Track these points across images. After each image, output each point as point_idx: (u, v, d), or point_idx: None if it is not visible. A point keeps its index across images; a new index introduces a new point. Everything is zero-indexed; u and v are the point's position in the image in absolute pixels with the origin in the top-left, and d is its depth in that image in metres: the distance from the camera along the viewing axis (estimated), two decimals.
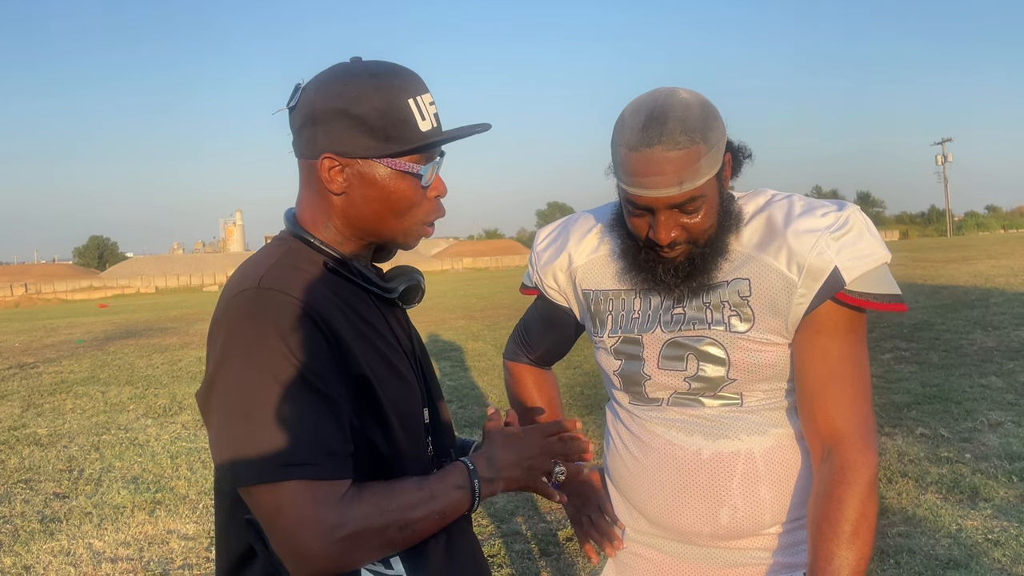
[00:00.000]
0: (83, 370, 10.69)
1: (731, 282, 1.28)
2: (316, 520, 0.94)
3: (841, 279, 1.21)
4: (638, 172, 1.18)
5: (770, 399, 1.32)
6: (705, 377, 1.31)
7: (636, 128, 1.19)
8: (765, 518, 1.32)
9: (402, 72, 1.09)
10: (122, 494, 4.92)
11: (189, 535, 4.20)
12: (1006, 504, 3.84)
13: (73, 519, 4.51)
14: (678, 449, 1.34)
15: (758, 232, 1.29)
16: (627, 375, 1.39)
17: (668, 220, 1.22)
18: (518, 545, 3.79)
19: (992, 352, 7.57)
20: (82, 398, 8.46)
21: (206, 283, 57.50)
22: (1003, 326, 9.09)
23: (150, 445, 6.16)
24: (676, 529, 1.37)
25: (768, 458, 1.31)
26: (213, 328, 1.03)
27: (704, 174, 1.19)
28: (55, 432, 6.83)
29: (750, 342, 1.28)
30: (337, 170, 1.07)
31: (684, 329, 1.32)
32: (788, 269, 1.24)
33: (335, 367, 1.00)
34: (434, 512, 1.03)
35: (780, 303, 1.25)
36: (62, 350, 13.51)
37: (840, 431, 1.23)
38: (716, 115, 1.22)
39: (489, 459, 1.11)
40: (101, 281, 61.58)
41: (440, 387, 1.28)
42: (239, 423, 0.97)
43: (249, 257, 1.12)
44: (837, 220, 1.23)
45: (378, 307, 1.14)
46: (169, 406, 7.76)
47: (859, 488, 1.20)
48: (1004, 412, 5.42)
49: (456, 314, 16.51)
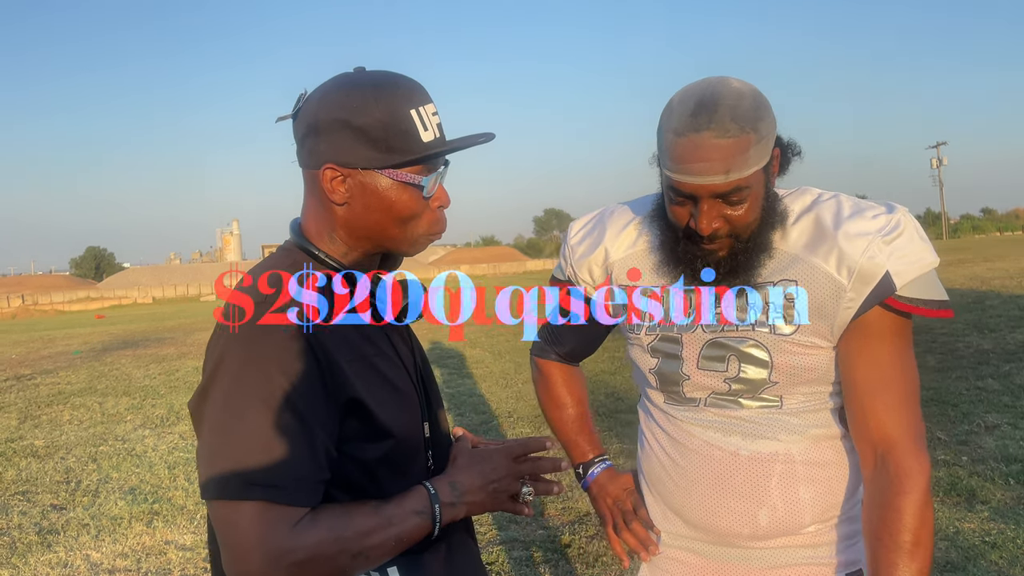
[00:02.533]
0: (80, 381, 10.67)
1: (778, 283, 1.25)
2: (267, 543, 0.94)
3: (892, 284, 1.18)
4: (684, 158, 1.15)
5: (810, 402, 1.30)
6: (746, 379, 1.28)
7: (685, 114, 1.15)
8: (805, 518, 1.31)
9: (404, 83, 1.09)
10: (119, 505, 4.90)
11: (187, 546, 4.19)
12: (1003, 506, 3.85)
13: (71, 531, 4.49)
14: (716, 449, 1.32)
15: (806, 233, 1.25)
16: (664, 374, 1.36)
17: (711, 210, 1.18)
18: (517, 552, 3.78)
19: (988, 355, 7.58)
20: (79, 409, 8.44)
21: (203, 293, 57.40)
22: (999, 328, 9.10)
23: (147, 456, 6.15)
24: (714, 531, 1.34)
25: (807, 458, 1.30)
26: (212, 340, 1.05)
27: (752, 165, 1.16)
28: (52, 443, 6.81)
29: (794, 345, 1.25)
30: (339, 180, 1.07)
31: (727, 329, 1.29)
32: (838, 272, 1.21)
33: (324, 391, 1.01)
34: (390, 538, 1.01)
35: (828, 307, 1.22)
36: (59, 361, 13.47)
37: (893, 437, 1.21)
38: (768, 107, 1.18)
39: (452, 483, 1.10)
40: (98, 292, 61.55)
41: (442, 400, 1.27)
42: (217, 437, 0.98)
43: (254, 267, 1.12)
44: (888, 223, 1.20)
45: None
46: (166, 416, 7.74)
47: (917, 496, 1.18)
48: (1001, 414, 5.43)
49: None
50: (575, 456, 1.59)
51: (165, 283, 65.27)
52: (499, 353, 10.66)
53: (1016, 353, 7.59)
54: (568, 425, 1.61)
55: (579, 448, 1.59)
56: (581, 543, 3.82)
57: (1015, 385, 6.25)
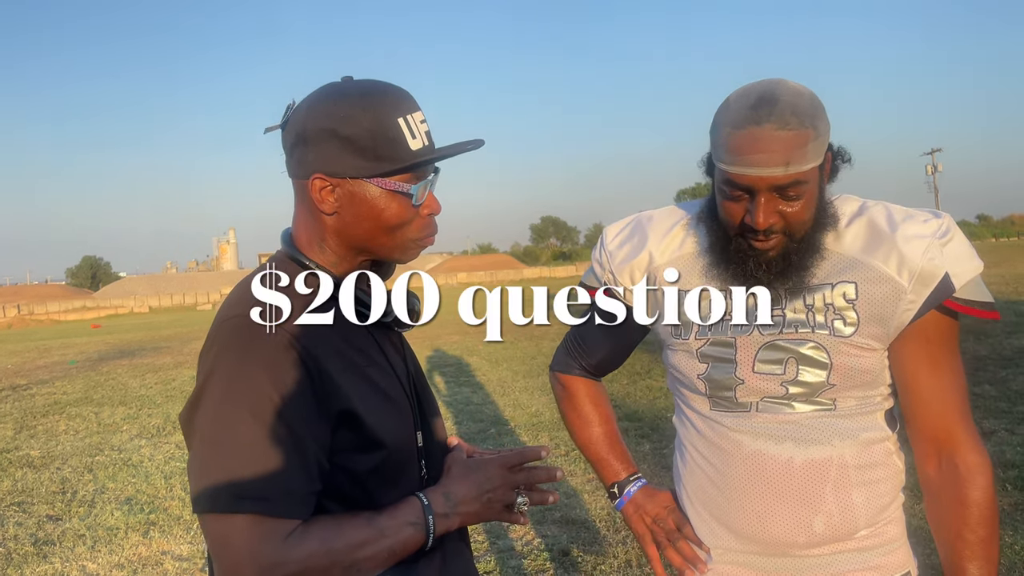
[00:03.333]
0: (76, 391, 10.64)
1: (836, 285, 1.26)
2: (259, 556, 0.94)
3: (951, 285, 1.21)
4: (743, 150, 1.16)
5: (862, 405, 1.30)
6: (804, 382, 1.28)
7: (745, 108, 1.17)
8: (859, 522, 1.31)
9: (392, 91, 1.09)
10: (116, 515, 4.89)
11: (183, 556, 4.17)
12: (1001, 513, 3.84)
13: (67, 541, 4.48)
14: (768, 459, 1.31)
15: (861, 236, 1.26)
16: (715, 379, 1.34)
17: (768, 203, 1.18)
18: (513, 561, 3.78)
19: (985, 360, 7.59)
20: (75, 419, 8.41)
21: (200, 302, 57.34)
22: (995, 334, 9.11)
23: (144, 466, 6.13)
24: (768, 541, 1.33)
25: (859, 462, 1.30)
26: (204, 350, 1.05)
27: (810, 160, 1.17)
28: (48, 454, 6.79)
29: (853, 347, 1.26)
30: (328, 190, 1.07)
31: (785, 331, 1.28)
32: (898, 275, 1.22)
33: (315, 403, 1.01)
34: (383, 550, 1.01)
35: (887, 308, 1.24)
36: (55, 371, 13.44)
37: (957, 437, 1.27)
38: (823, 108, 1.20)
39: (446, 494, 1.10)
40: (94, 301, 61.44)
41: (436, 407, 1.27)
42: (208, 449, 0.98)
43: (246, 277, 1.12)
44: (940, 227, 1.23)
45: (371, 331, 1.14)
46: (163, 426, 7.72)
47: (988, 490, 1.26)
48: (997, 420, 5.44)
49: (450, 329, 16.47)
50: (607, 476, 1.54)
51: (162, 292, 65.18)
52: (496, 361, 10.65)
53: (1012, 359, 7.61)
54: (597, 443, 1.55)
55: (610, 467, 1.53)
56: (579, 552, 3.81)
57: (1011, 391, 6.27)
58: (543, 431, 6.36)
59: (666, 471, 4.88)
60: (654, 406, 6.81)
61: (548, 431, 6.34)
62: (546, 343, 12.18)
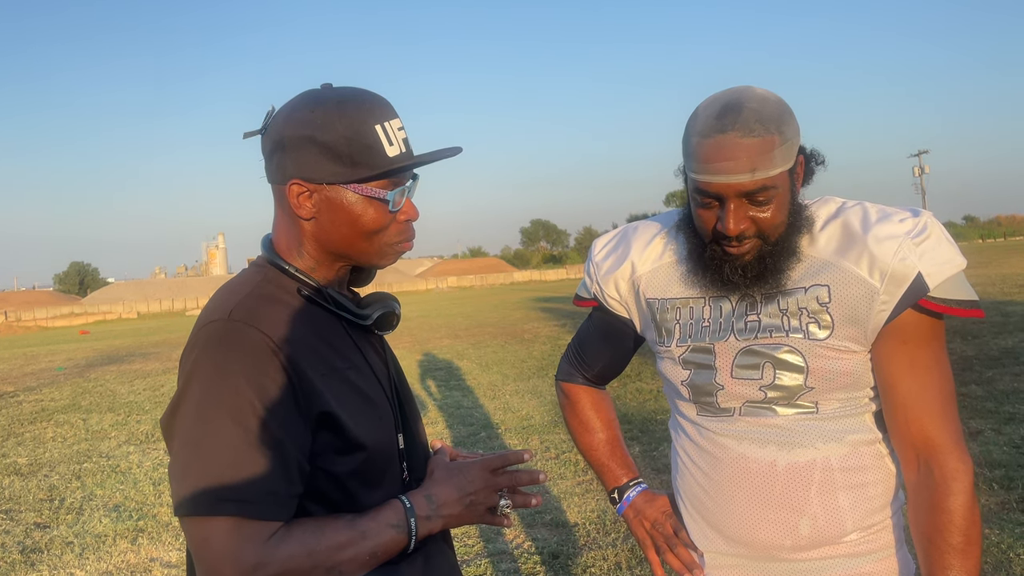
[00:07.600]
0: (64, 398, 10.57)
1: (809, 288, 1.26)
2: (240, 558, 0.94)
3: (924, 285, 1.20)
4: (710, 158, 1.17)
5: (846, 407, 1.30)
6: (782, 385, 1.28)
7: (711, 117, 1.18)
8: (846, 525, 1.30)
9: (370, 98, 1.10)
10: (104, 522, 4.86)
11: (172, 563, 4.15)
12: (987, 512, 3.87)
13: (55, 549, 4.45)
14: (751, 462, 1.32)
15: (835, 238, 1.26)
16: (697, 385, 1.36)
17: (738, 210, 1.20)
18: (504, 564, 3.78)
19: (972, 361, 7.65)
20: (63, 426, 8.36)
21: (188, 307, 57.10)
22: (982, 335, 9.19)
23: (132, 472, 6.10)
24: (756, 544, 1.34)
25: (845, 465, 1.30)
26: (184, 355, 1.05)
27: (777, 165, 1.18)
28: (36, 461, 6.74)
29: (829, 350, 1.26)
30: (306, 196, 1.09)
31: (760, 336, 1.29)
32: (870, 275, 1.22)
33: (295, 406, 1.01)
34: (364, 552, 1.02)
35: (861, 310, 1.23)
36: (42, 378, 13.35)
37: (935, 441, 1.23)
38: (791, 113, 1.21)
39: (428, 496, 1.10)
40: (82, 307, 61.07)
41: (418, 411, 1.28)
42: (188, 453, 0.98)
43: (226, 282, 1.13)
44: (916, 226, 1.22)
45: (351, 334, 1.15)
46: (151, 432, 7.68)
47: (964, 497, 1.21)
48: (984, 420, 5.47)
49: (441, 333, 16.47)
50: (608, 481, 1.56)
51: (150, 298, 64.88)
52: (487, 365, 10.66)
53: (999, 359, 7.66)
54: (599, 449, 1.58)
55: (612, 472, 1.56)
56: (569, 555, 3.82)
57: (998, 391, 6.31)
58: (533, 434, 6.36)
59: (656, 473, 4.89)
60: (644, 408, 6.83)
61: (538, 434, 6.34)
62: (536, 347, 12.20)
